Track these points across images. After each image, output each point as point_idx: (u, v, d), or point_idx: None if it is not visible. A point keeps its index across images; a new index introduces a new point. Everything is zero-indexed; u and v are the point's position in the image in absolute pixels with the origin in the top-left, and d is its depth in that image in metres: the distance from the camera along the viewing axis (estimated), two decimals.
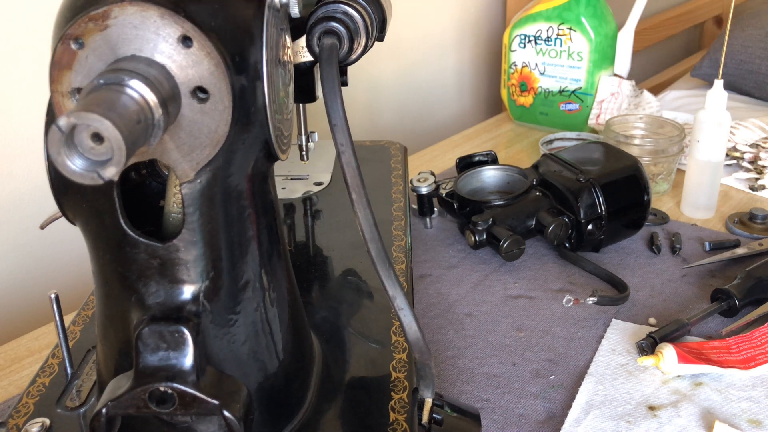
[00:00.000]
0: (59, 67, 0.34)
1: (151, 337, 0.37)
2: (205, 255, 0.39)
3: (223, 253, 0.39)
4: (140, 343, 0.37)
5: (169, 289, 0.39)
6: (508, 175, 0.86)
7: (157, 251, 0.38)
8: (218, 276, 0.39)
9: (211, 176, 0.37)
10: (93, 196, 0.38)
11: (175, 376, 0.37)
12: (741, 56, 1.32)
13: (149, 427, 0.41)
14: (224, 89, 0.35)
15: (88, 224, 0.40)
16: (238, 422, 0.38)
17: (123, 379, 0.39)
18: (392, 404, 0.47)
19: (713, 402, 0.58)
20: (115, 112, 0.28)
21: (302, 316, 0.47)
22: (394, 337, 0.53)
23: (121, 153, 0.27)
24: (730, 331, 0.65)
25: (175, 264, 0.38)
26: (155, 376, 0.37)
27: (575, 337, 0.66)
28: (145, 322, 0.38)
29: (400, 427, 0.45)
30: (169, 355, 0.38)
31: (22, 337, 0.67)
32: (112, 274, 0.39)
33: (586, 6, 1.08)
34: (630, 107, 1.10)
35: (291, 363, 0.45)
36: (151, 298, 0.39)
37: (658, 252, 0.79)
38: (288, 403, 0.45)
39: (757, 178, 0.95)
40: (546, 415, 0.57)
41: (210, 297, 0.39)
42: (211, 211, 0.38)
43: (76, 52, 0.33)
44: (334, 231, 0.69)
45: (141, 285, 0.39)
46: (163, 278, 0.38)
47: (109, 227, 0.38)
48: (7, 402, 0.58)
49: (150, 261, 0.38)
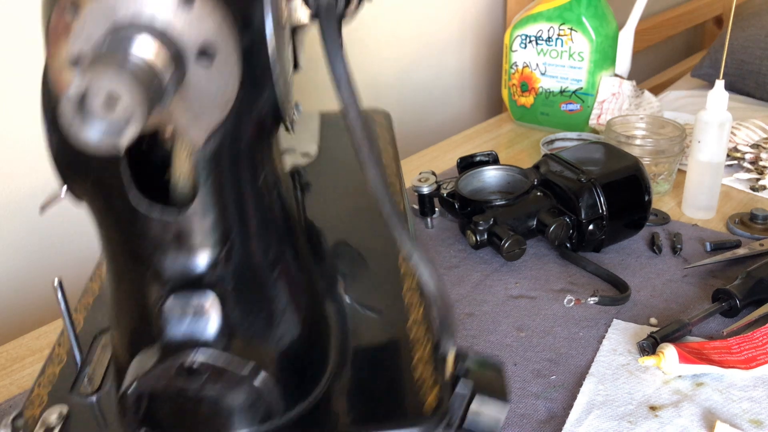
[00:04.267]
0: (55, 35, 0.32)
1: (175, 307, 0.37)
2: (220, 221, 0.38)
3: (238, 218, 0.38)
4: (164, 315, 0.36)
5: (186, 259, 0.38)
6: (509, 175, 0.86)
7: (172, 222, 0.37)
8: (234, 243, 0.38)
9: (221, 140, 0.36)
10: (101, 170, 0.37)
11: (201, 342, 0.36)
12: (742, 56, 1.32)
13: (174, 407, 0.39)
14: (231, 48, 0.33)
15: (96, 200, 0.38)
16: (269, 389, 0.38)
17: (146, 357, 0.37)
18: (414, 363, 0.46)
19: (714, 402, 0.58)
20: (127, 70, 0.27)
21: (316, 280, 0.47)
22: (406, 297, 0.52)
23: (142, 110, 0.26)
24: (731, 332, 0.65)
25: (191, 233, 0.37)
26: (183, 348, 0.36)
27: (576, 337, 0.66)
28: (166, 294, 0.37)
29: (426, 383, 0.44)
30: (195, 325, 0.37)
31: (23, 337, 0.67)
32: (125, 250, 0.38)
33: (587, 6, 1.08)
34: (631, 107, 1.10)
35: (312, 327, 0.44)
36: (168, 270, 0.38)
37: (659, 252, 0.79)
38: (311, 368, 0.44)
39: (758, 179, 0.95)
40: (547, 415, 0.57)
41: (228, 264, 0.38)
42: (224, 176, 0.37)
43: (72, 18, 0.32)
44: (325, 202, 0.67)
45: (157, 258, 0.37)
46: (179, 249, 0.37)
47: (119, 201, 0.37)
48: (9, 401, 0.58)
49: (165, 232, 0.37)
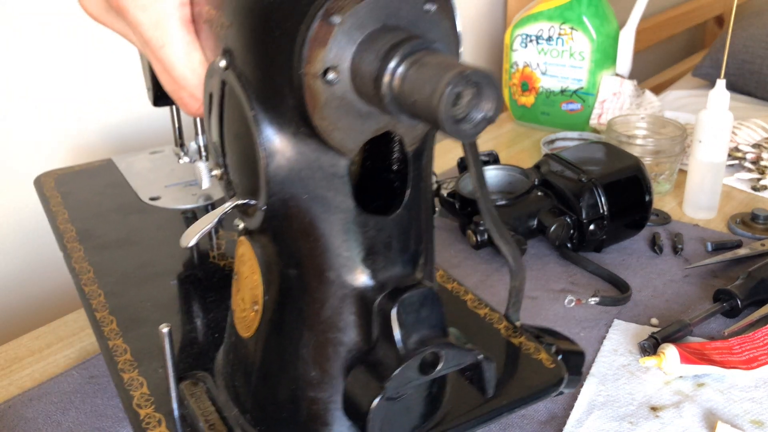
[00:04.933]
0: (314, 45, 0.32)
1: (407, 307, 0.38)
2: (421, 221, 0.40)
3: (429, 218, 0.42)
4: (397, 315, 0.38)
5: (398, 260, 0.40)
6: (509, 175, 0.86)
7: (386, 225, 0.39)
8: (428, 240, 0.42)
9: (426, 140, 0.39)
10: (323, 182, 0.38)
11: (434, 338, 0.39)
12: (743, 56, 1.32)
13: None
14: (453, 53, 0.36)
15: (304, 215, 0.39)
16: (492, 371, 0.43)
17: (364, 372, 0.40)
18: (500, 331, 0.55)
19: (715, 403, 0.57)
20: (489, 70, 0.30)
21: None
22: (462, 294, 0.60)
23: (500, 102, 0.30)
24: (733, 332, 0.65)
25: (401, 234, 0.40)
26: (421, 343, 0.39)
27: (577, 337, 0.66)
28: (387, 297, 0.39)
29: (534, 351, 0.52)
30: (423, 320, 0.39)
31: (22, 337, 0.67)
32: (332, 260, 0.39)
33: (588, 5, 1.08)
34: (632, 107, 1.10)
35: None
36: (381, 273, 0.40)
37: (660, 252, 0.79)
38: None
39: (759, 179, 0.95)
40: (548, 415, 0.57)
41: (425, 262, 0.42)
42: (424, 175, 0.40)
43: (332, 28, 0.32)
44: None
45: (370, 262, 0.39)
46: (391, 251, 0.40)
47: (336, 212, 0.38)
48: (7, 402, 0.58)
49: (379, 236, 0.39)
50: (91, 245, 0.65)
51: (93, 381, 0.60)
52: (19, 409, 0.57)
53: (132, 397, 0.48)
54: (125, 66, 0.89)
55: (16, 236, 0.84)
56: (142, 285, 0.61)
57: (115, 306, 0.58)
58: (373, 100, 0.33)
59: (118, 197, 0.73)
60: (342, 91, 0.34)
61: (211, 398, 0.48)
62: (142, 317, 0.56)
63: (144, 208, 0.70)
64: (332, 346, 0.41)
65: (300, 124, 0.35)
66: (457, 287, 0.60)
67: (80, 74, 0.86)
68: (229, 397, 0.47)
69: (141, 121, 0.93)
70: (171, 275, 0.62)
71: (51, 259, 0.86)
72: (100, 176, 0.77)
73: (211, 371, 0.50)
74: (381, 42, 0.32)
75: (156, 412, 0.47)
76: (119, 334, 0.54)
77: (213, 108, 0.41)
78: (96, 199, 0.73)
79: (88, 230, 0.67)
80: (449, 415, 0.46)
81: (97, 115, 0.89)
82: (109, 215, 0.70)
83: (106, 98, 0.89)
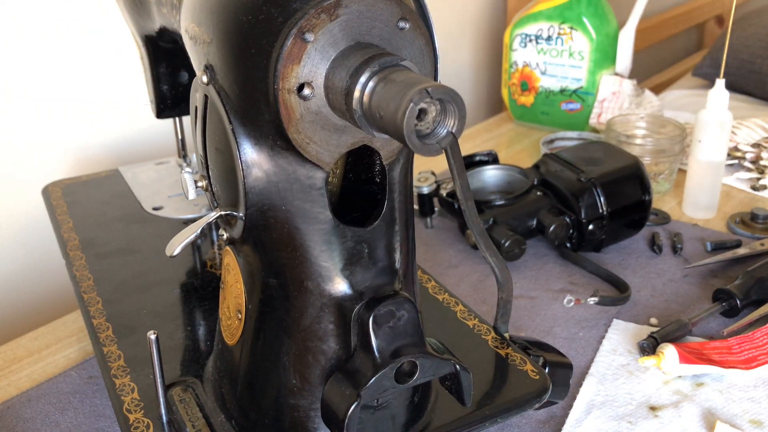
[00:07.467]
0: (288, 62, 0.33)
1: (384, 316, 0.39)
2: (399, 232, 0.41)
3: (407, 229, 0.42)
4: (374, 325, 0.39)
5: (376, 270, 0.40)
6: (508, 175, 0.86)
7: (364, 236, 0.39)
8: (408, 251, 0.42)
9: (406, 155, 0.40)
10: (300, 194, 0.39)
11: (411, 347, 0.40)
12: (742, 56, 1.32)
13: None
14: (428, 70, 0.37)
15: (282, 226, 0.39)
16: (469, 378, 0.42)
17: (341, 380, 0.40)
18: (488, 342, 0.55)
19: (714, 402, 0.57)
20: (452, 89, 0.31)
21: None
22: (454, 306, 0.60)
23: (464, 119, 0.31)
24: (732, 332, 0.64)
25: (379, 245, 0.40)
26: (397, 352, 0.39)
27: (576, 337, 0.66)
28: (365, 306, 0.39)
29: (521, 362, 0.52)
30: (400, 330, 0.39)
31: (21, 338, 0.67)
32: (311, 270, 0.40)
33: (588, 5, 1.08)
34: (631, 107, 1.10)
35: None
36: (359, 283, 0.40)
37: (659, 252, 0.79)
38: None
39: (758, 178, 0.95)
40: (547, 415, 0.57)
41: (404, 272, 0.42)
42: (401, 188, 0.41)
43: (305, 45, 0.33)
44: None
45: (348, 273, 0.40)
46: (369, 261, 0.40)
47: (314, 222, 0.39)
48: (6, 402, 0.58)
49: (357, 247, 0.39)
50: (92, 253, 0.67)
51: (91, 381, 0.60)
52: (17, 409, 0.57)
53: (123, 402, 0.49)
54: (133, 78, 0.89)
55: (17, 238, 0.84)
56: (140, 293, 0.61)
57: (111, 313, 0.58)
58: (346, 115, 0.34)
59: (122, 207, 0.74)
60: (317, 106, 0.35)
61: (200, 404, 0.48)
62: (138, 324, 0.57)
63: (146, 217, 0.71)
64: (312, 355, 0.41)
65: (276, 137, 0.36)
66: (448, 298, 0.60)
67: (90, 86, 0.87)
68: (217, 403, 0.48)
69: (150, 131, 0.94)
70: (169, 284, 0.63)
71: (51, 261, 0.86)
72: (107, 186, 0.78)
73: (201, 378, 0.51)
74: (353, 58, 0.33)
75: (145, 416, 0.48)
76: (114, 340, 0.55)
77: (197, 122, 0.42)
78: (101, 209, 0.74)
79: (91, 239, 0.69)
80: (431, 424, 0.46)
81: (106, 125, 0.90)
82: (112, 224, 0.71)
83: (116, 108, 0.90)
